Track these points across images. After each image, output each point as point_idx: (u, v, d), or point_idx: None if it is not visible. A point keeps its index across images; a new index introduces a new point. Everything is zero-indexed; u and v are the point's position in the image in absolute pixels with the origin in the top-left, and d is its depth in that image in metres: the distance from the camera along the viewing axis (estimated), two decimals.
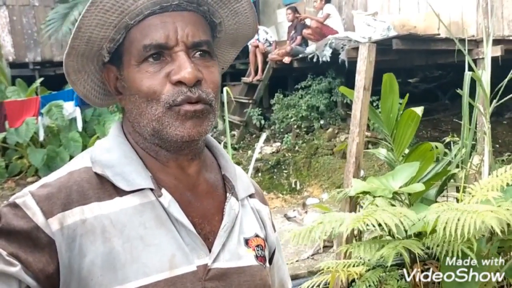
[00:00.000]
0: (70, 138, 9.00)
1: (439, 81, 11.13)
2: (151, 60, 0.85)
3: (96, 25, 0.83)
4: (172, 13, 0.86)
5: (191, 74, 0.83)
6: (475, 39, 6.78)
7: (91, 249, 0.80)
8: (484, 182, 2.76)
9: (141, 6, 0.83)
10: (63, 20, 10.19)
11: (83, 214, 0.82)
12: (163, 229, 0.85)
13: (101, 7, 0.82)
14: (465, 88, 3.28)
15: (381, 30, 7.32)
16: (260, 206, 1.06)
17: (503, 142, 8.24)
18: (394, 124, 3.42)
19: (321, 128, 8.77)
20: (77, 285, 0.80)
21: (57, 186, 0.83)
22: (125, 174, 0.86)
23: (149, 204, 0.86)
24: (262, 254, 0.97)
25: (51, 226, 0.79)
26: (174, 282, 0.83)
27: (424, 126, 8.96)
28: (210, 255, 0.88)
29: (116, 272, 0.80)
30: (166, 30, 0.84)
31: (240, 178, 1.02)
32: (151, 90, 0.84)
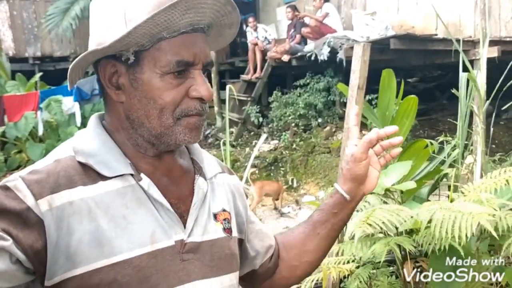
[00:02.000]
0: (68, 133, 9.03)
1: (437, 81, 11.16)
2: (177, 74, 0.94)
3: (140, 34, 0.90)
4: (198, 34, 0.96)
5: (209, 93, 0.96)
6: (473, 40, 6.81)
7: (79, 228, 0.88)
8: (478, 183, 2.77)
9: (181, 25, 0.92)
10: (64, 15, 10.22)
11: (70, 196, 0.90)
12: (144, 209, 0.95)
13: (155, 21, 0.89)
14: (461, 89, 3.30)
15: (380, 30, 7.35)
16: (228, 178, 1.18)
17: (499, 142, 8.27)
18: (390, 121, 3.43)
19: (319, 127, 8.80)
20: (64, 261, 0.88)
21: (46, 172, 0.91)
22: (106, 162, 0.95)
23: (130, 187, 0.95)
24: (228, 226, 1.08)
25: (40, 207, 0.87)
26: (156, 255, 0.93)
27: (421, 126, 9.00)
28: (185, 230, 0.98)
29: (103, 247, 0.89)
30: (195, 50, 0.94)
31: (207, 160, 1.13)
32: (173, 102, 0.94)
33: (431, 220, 2.37)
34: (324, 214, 1.19)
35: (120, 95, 0.97)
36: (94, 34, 0.98)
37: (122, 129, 1.00)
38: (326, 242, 1.22)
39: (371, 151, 1.13)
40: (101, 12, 0.97)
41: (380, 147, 1.14)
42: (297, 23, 9.20)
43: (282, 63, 9.30)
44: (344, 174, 1.15)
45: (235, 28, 1.05)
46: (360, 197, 1.16)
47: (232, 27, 1.03)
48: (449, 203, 2.60)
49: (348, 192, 1.15)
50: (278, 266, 1.27)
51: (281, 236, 1.30)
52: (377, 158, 1.15)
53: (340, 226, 1.21)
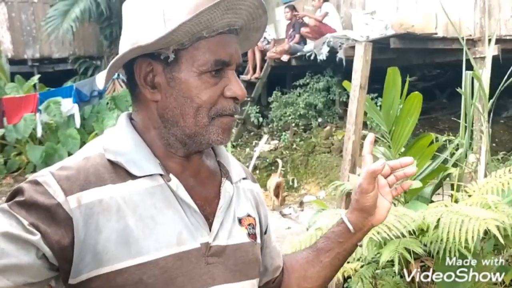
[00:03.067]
0: (68, 135, 9.02)
1: (436, 80, 11.16)
2: (214, 73, 0.95)
3: (183, 33, 0.91)
4: (232, 35, 0.98)
5: (244, 95, 0.99)
6: (472, 39, 6.81)
7: (107, 226, 0.89)
8: (483, 182, 2.75)
9: (219, 25, 0.94)
10: (63, 17, 10.21)
11: (99, 194, 0.90)
12: (172, 210, 0.95)
13: (198, 21, 0.90)
14: (466, 88, 3.29)
15: (379, 29, 7.34)
16: (252, 185, 1.18)
17: (499, 141, 8.27)
18: (394, 120, 3.42)
19: (319, 126, 8.79)
20: (91, 258, 0.88)
21: (76, 169, 0.91)
22: (136, 161, 0.95)
23: (159, 187, 0.95)
24: (253, 231, 1.08)
25: (69, 203, 0.87)
26: (181, 257, 0.93)
27: (422, 125, 9.00)
28: (211, 233, 0.98)
29: (130, 247, 0.89)
30: (231, 50, 0.97)
31: (233, 164, 1.13)
32: (210, 100, 0.95)
33: (438, 223, 2.37)
34: (329, 242, 1.16)
35: (155, 94, 0.97)
36: (129, 33, 0.98)
37: (154, 128, 1.00)
38: (328, 270, 1.19)
39: (383, 180, 1.09)
40: (137, 12, 0.97)
41: (393, 177, 1.10)
42: (296, 23, 9.19)
43: (281, 63, 9.29)
44: (351, 204, 1.12)
45: (261, 32, 1.07)
46: (368, 228, 1.13)
47: (259, 31, 1.06)
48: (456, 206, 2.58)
49: (355, 222, 1.12)
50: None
51: (286, 258, 1.28)
52: (389, 188, 1.11)
53: (345, 256, 1.17)
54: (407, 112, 3.32)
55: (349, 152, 3.46)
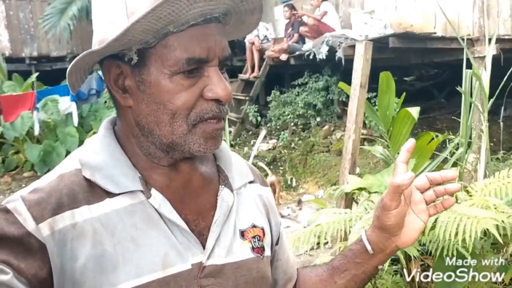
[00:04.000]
0: (66, 133, 9.00)
1: (434, 79, 11.17)
2: (187, 73, 0.82)
3: (141, 31, 0.79)
4: (211, 25, 0.83)
5: (228, 95, 0.83)
6: (471, 38, 6.82)
7: (83, 252, 0.80)
8: (485, 183, 2.75)
9: (189, 16, 0.79)
10: (61, 15, 10.19)
11: (73, 218, 0.81)
12: (155, 229, 0.84)
13: (158, 15, 0.77)
14: (465, 86, 3.30)
15: (378, 28, 7.34)
16: (261, 189, 1.06)
17: (498, 140, 8.27)
18: (391, 121, 3.44)
19: (317, 126, 8.79)
20: (71, 287, 0.80)
21: (47, 191, 0.82)
22: (113, 177, 0.85)
23: (140, 204, 0.85)
24: (259, 245, 0.96)
25: (41, 231, 0.78)
26: (168, 281, 0.82)
27: (420, 124, 8.99)
28: (204, 252, 0.87)
29: (108, 275, 0.80)
30: (208, 44, 0.82)
31: (237, 166, 1.01)
32: (185, 106, 0.82)
33: (436, 221, 2.36)
34: (346, 261, 1.01)
35: (127, 99, 0.86)
36: (96, 31, 0.85)
37: (133, 136, 0.89)
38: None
39: (419, 196, 0.94)
40: (101, 5, 0.84)
41: (433, 193, 0.94)
42: (295, 22, 9.19)
43: (280, 62, 9.29)
44: (373, 220, 0.97)
45: (258, 13, 0.90)
46: (392, 250, 0.96)
47: (254, 12, 0.89)
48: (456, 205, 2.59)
49: (375, 242, 0.97)
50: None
51: (300, 271, 1.15)
52: (425, 205, 0.94)
53: (363, 280, 1.00)
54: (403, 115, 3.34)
55: (349, 151, 3.46)
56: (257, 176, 1.07)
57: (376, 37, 6.96)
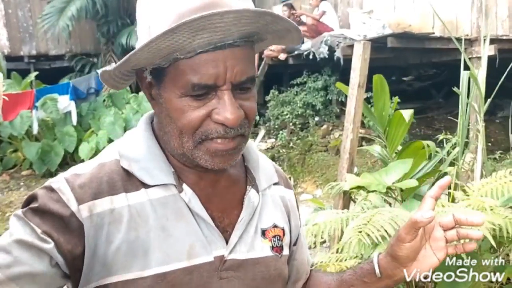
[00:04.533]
0: (64, 132, 9.00)
1: (433, 79, 11.19)
2: (196, 96, 0.84)
3: (145, 58, 0.83)
4: (224, 51, 0.82)
5: (234, 120, 0.83)
6: (469, 38, 6.83)
7: (118, 237, 0.86)
8: (482, 183, 2.76)
9: (195, 45, 0.80)
10: (60, 15, 10.18)
11: (112, 203, 0.87)
12: (184, 221, 0.90)
13: (156, 47, 0.80)
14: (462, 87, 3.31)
15: (376, 28, 7.35)
16: (284, 191, 1.10)
17: (495, 140, 8.30)
18: (387, 121, 3.46)
19: (316, 125, 8.81)
20: (100, 268, 0.86)
21: (89, 177, 0.88)
22: (149, 169, 0.90)
23: (172, 197, 0.91)
24: (278, 244, 1.01)
25: (81, 212, 0.85)
26: (191, 270, 0.89)
27: (418, 124, 9.02)
28: (227, 246, 0.93)
29: (139, 259, 0.87)
30: (217, 70, 0.82)
31: (263, 167, 1.05)
32: (190, 125, 0.85)
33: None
34: (354, 278, 1.04)
35: (154, 105, 0.92)
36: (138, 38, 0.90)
37: (158, 131, 0.95)
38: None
39: (440, 233, 0.94)
40: (137, 22, 0.90)
41: (455, 233, 0.94)
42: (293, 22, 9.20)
43: (278, 62, 9.30)
44: (387, 246, 0.99)
45: (295, 33, 0.92)
46: (399, 278, 0.98)
47: (290, 31, 0.91)
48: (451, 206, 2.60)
49: (384, 267, 0.99)
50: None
51: (313, 274, 1.19)
52: (444, 243, 0.94)
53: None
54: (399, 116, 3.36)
55: (347, 150, 3.48)
56: (281, 178, 1.12)
57: (374, 37, 6.98)
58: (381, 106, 3.41)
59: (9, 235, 0.83)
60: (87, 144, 8.67)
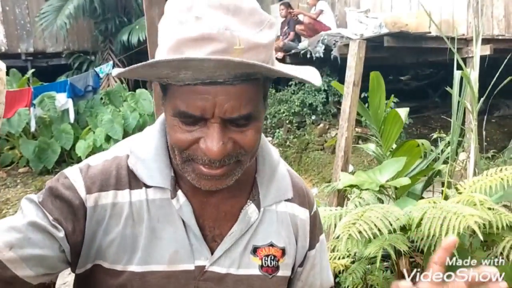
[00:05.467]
0: (62, 129, 8.99)
1: (429, 79, 11.22)
2: (185, 123, 0.83)
3: (138, 76, 0.85)
4: (214, 88, 0.78)
5: (217, 154, 0.81)
6: (465, 38, 6.87)
7: (115, 230, 0.90)
8: (474, 180, 2.80)
9: (183, 78, 0.78)
10: (57, 13, 10.17)
11: (115, 197, 0.91)
12: (173, 227, 0.92)
13: (142, 73, 0.80)
14: (454, 87, 3.34)
15: (373, 27, 7.37)
16: (297, 210, 1.05)
17: (491, 140, 8.34)
18: (382, 120, 3.49)
19: (312, 124, 8.83)
20: (95, 253, 0.90)
21: (100, 169, 0.92)
22: (151, 170, 0.93)
23: (167, 201, 0.93)
24: (271, 264, 0.98)
25: (88, 201, 0.89)
26: (169, 276, 0.91)
27: (414, 124, 9.05)
28: (210, 258, 0.93)
29: (126, 254, 0.90)
30: (204, 104, 0.79)
31: (277, 181, 1.01)
32: (177, 144, 0.84)
33: (423, 218, 2.41)
34: None
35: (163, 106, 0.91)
36: None
37: None
38: None
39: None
40: None
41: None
42: (290, 20, 9.22)
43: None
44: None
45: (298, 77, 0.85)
46: None
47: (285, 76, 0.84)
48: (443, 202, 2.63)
49: None
50: None
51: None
52: None
53: None
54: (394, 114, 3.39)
55: (342, 148, 3.50)
56: (298, 196, 1.06)
57: (371, 36, 7.00)
58: (376, 103, 3.44)
59: (22, 217, 0.85)
60: (84, 141, 8.66)
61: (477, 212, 2.29)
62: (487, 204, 2.46)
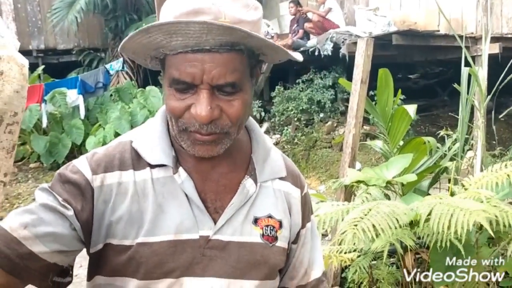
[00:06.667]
0: (72, 125, 9.09)
1: (438, 77, 11.20)
2: (178, 90, 0.93)
3: (136, 48, 0.94)
4: (204, 54, 0.89)
5: (204, 116, 0.91)
6: (474, 36, 6.86)
7: (121, 207, 0.98)
8: (479, 176, 2.81)
9: (175, 46, 0.89)
10: (69, 9, 10.26)
11: (120, 177, 0.99)
12: (178, 201, 1.00)
13: (138, 42, 0.91)
14: (462, 84, 3.36)
15: (382, 25, 7.39)
16: (290, 188, 1.13)
17: (500, 138, 8.32)
18: (390, 117, 3.51)
19: (321, 121, 8.84)
20: (105, 231, 0.98)
21: (104, 153, 1.02)
22: (154, 150, 1.02)
23: (170, 178, 1.01)
24: (271, 234, 1.05)
25: (94, 182, 0.97)
26: (176, 244, 0.98)
27: (422, 122, 9.05)
28: (214, 227, 1.00)
29: (134, 229, 0.97)
30: (193, 71, 0.89)
31: (271, 161, 1.11)
32: (173, 111, 0.95)
33: (431, 214, 2.43)
34: None
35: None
36: None
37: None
38: None
39: None
40: None
41: None
42: (299, 18, 9.23)
43: None
44: None
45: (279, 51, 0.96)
46: None
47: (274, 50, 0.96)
48: (449, 198, 2.66)
49: None
50: None
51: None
52: None
53: None
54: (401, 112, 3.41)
55: (349, 145, 3.54)
56: (291, 176, 1.15)
57: (379, 34, 7.02)
58: (384, 100, 3.46)
59: (34, 202, 0.94)
60: (94, 137, 8.75)
61: (485, 207, 2.31)
62: (493, 202, 2.48)
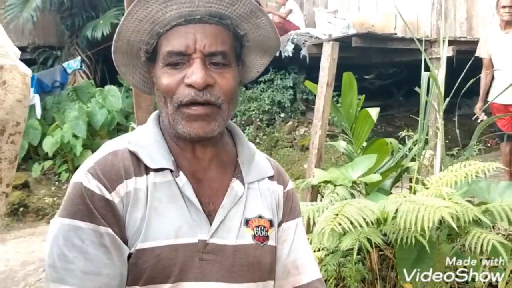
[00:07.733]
0: (29, 125, 8.80)
1: (392, 78, 11.48)
2: (173, 65, 1.00)
3: (133, 31, 1.02)
4: (196, 25, 1.00)
5: (200, 79, 0.97)
6: (429, 39, 7.09)
7: (132, 216, 1.00)
8: (440, 175, 2.93)
9: (169, 18, 0.99)
10: (24, 6, 9.94)
11: (128, 187, 1.00)
12: (176, 205, 1.02)
13: (136, 17, 0.99)
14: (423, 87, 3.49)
15: (341, 28, 7.53)
16: (276, 187, 1.18)
17: (452, 138, 8.61)
18: (354, 119, 3.62)
19: (282, 121, 8.93)
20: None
21: (109, 164, 1.01)
22: (152, 155, 1.03)
23: (167, 183, 1.03)
24: (262, 234, 1.09)
25: (115, 199, 0.99)
26: (177, 248, 0.99)
27: (379, 122, 9.26)
28: (209, 231, 1.03)
29: (139, 235, 0.99)
30: (187, 40, 0.99)
31: (257, 163, 1.16)
32: (167, 88, 1.00)
33: (397, 212, 2.52)
34: None
35: (155, 91, 1.06)
36: None
37: (162, 122, 1.08)
38: None
39: None
40: None
41: None
42: None
43: None
44: None
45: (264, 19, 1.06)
46: None
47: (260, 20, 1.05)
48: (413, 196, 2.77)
49: None
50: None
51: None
52: None
53: None
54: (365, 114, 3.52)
55: (316, 146, 3.63)
56: (278, 174, 1.20)
57: (339, 36, 7.15)
58: (348, 103, 3.57)
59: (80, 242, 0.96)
60: (51, 137, 8.51)
61: (448, 204, 2.42)
62: (454, 198, 2.60)
